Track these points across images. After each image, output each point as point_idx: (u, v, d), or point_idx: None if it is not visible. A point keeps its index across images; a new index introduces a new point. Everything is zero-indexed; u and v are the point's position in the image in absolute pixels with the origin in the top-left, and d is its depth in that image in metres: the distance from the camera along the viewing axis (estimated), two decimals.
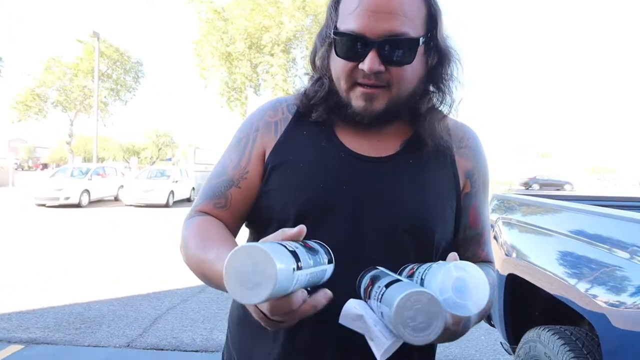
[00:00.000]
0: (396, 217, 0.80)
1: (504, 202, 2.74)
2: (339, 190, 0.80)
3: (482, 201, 0.92)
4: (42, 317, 4.00)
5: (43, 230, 9.13)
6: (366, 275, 0.70)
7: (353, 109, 0.81)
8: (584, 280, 1.73)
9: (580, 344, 1.76)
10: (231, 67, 18.38)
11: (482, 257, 0.93)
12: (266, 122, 0.89)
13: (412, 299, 0.53)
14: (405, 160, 0.85)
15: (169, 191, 14.65)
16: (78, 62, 24.57)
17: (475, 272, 0.57)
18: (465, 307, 0.56)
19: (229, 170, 0.87)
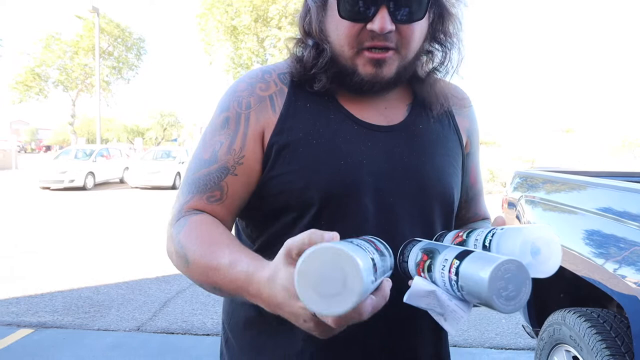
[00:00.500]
0: (421, 187, 0.80)
1: (527, 180, 2.70)
2: (361, 165, 0.77)
3: (478, 160, 0.97)
4: (50, 301, 4.10)
5: (49, 213, 9.30)
6: (412, 248, 0.71)
7: (360, 77, 0.75)
8: (612, 260, 1.71)
9: (608, 326, 1.75)
10: (237, 41, 18.23)
11: (482, 215, 0.97)
12: (259, 96, 0.80)
13: (502, 269, 0.54)
14: (416, 126, 0.85)
15: (176, 173, 14.77)
16: (78, 40, 24.58)
17: (547, 234, 0.60)
18: (543, 269, 0.60)
19: (220, 157, 0.78)
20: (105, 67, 26.20)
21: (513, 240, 0.60)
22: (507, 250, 0.60)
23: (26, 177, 16.19)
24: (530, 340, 3.30)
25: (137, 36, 27.64)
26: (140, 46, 27.93)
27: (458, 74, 0.86)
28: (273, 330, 0.78)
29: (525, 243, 0.59)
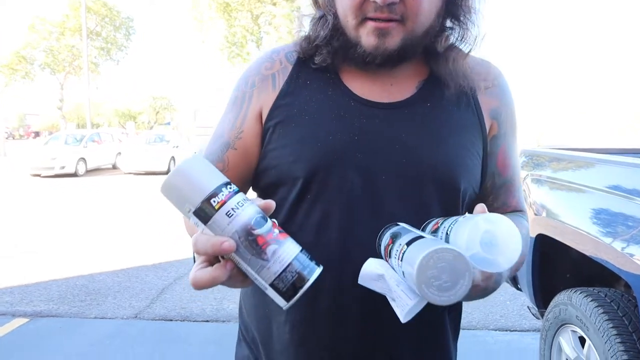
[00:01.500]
0: (416, 167, 0.78)
1: (533, 158, 2.70)
2: (351, 141, 0.77)
3: (511, 144, 0.89)
4: (45, 290, 4.14)
5: (40, 201, 9.32)
6: (386, 232, 0.69)
7: (363, 48, 0.76)
8: (620, 238, 1.72)
9: (616, 305, 1.77)
10: (230, 19, 18.00)
11: (513, 206, 0.91)
12: (263, 75, 0.85)
13: (435, 257, 0.52)
14: (423, 103, 0.82)
15: (170, 157, 14.75)
16: (64, 20, 24.28)
17: (505, 225, 0.55)
18: (496, 263, 0.55)
19: (225, 132, 0.85)
20: (93, 48, 25.95)
21: (463, 229, 0.56)
22: (459, 239, 0.56)
23: (15, 165, 16.16)
24: (535, 322, 3.34)
25: (125, 15, 27.32)
26: (129, 26, 27.64)
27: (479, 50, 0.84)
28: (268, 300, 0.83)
29: (474, 233, 0.55)
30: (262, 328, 0.87)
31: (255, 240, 0.53)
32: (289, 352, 0.82)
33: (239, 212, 0.53)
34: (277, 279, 0.54)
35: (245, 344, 0.95)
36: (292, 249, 0.55)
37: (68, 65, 25.89)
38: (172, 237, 6.10)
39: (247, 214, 0.54)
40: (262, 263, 0.54)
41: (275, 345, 0.85)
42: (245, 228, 0.53)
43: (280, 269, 0.54)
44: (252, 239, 0.53)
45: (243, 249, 0.53)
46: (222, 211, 0.53)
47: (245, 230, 0.53)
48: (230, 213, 0.53)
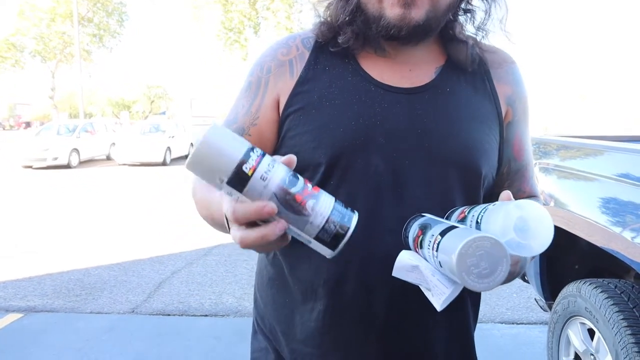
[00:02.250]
0: (440, 151, 0.80)
1: (541, 146, 2.69)
2: (373, 126, 0.79)
3: (525, 130, 0.92)
4: (39, 284, 4.15)
5: (33, 193, 9.33)
6: (413, 223, 0.71)
7: (387, 20, 0.76)
8: (630, 228, 1.72)
9: (626, 297, 1.77)
10: (227, 4, 17.88)
11: (528, 192, 0.94)
12: (279, 61, 0.86)
13: (474, 245, 0.54)
14: (443, 89, 0.84)
15: (166, 147, 14.74)
16: (54, 5, 24.11)
17: (537, 210, 0.58)
18: (529, 247, 0.58)
19: (239, 118, 0.87)
20: (85, 35, 25.82)
21: (496, 216, 0.59)
22: (492, 227, 0.59)
23: (6, 156, 16.16)
24: (542, 315, 3.36)
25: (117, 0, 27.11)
26: (122, 11, 27.46)
27: (504, 31, 0.86)
28: (289, 289, 0.87)
29: (508, 219, 0.58)
30: (283, 317, 0.89)
31: (293, 198, 0.56)
32: (314, 339, 0.84)
33: (271, 175, 0.55)
34: (321, 231, 0.57)
35: (262, 335, 0.97)
36: (328, 201, 0.58)
37: (59, 52, 25.76)
38: (169, 229, 6.12)
39: (280, 175, 0.55)
40: (304, 219, 0.56)
41: (298, 334, 0.86)
42: (282, 188, 0.55)
43: (322, 222, 0.57)
44: (290, 197, 0.55)
45: (283, 209, 0.56)
46: (256, 176, 0.54)
47: (282, 190, 0.55)
48: (264, 177, 0.54)
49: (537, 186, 0.97)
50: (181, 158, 16.32)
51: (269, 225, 0.56)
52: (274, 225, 0.56)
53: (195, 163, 0.55)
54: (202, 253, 5.08)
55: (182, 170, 13.14)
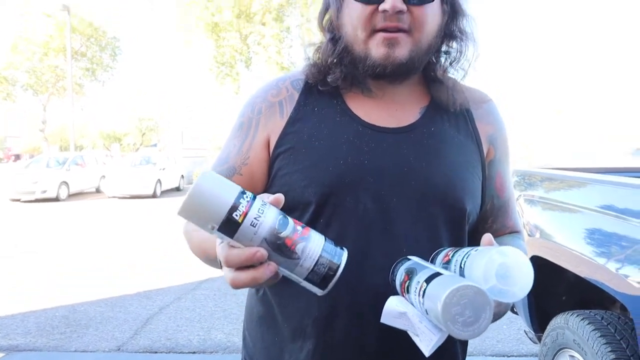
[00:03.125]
0: (425, 189, 0.82)
1: (525, 178, 2.74)
2: (361, 165, 0.82)
3: (506, 167, 0.96)
4: (22, 322, 4.05)
5: (19, 227, 9.20)
6: (400, 267, 0.72)
7: (373, 60, 0.80)
8: (614, 259, 1.73)
9: (613, 328, 1.78)
10: (219, 39, 18.19)
11: (511, 227, 0.97)
12: (269, 102, 0.89)
13: (458, 294, 0.55)
14: (427, 129, 0.87)
15: (156, 180, 14.69)
16: (48, 40, 24.35)
17: (518, 257, 0.60)
18: (511, 293, 0.60)
19: (231, 157, 0.89)
20: (78, 69, 25.98)
21: (478, 263, 0.60)
22: (475, 273, 0.60)
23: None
24: (532, 347, 3.33)
25: (111, 35, 27.47)
26: (115, 46, 27.73)
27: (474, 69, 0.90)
28: (278, 327, 0.87)
29: (490, 266, 0.59)
30: (272, 356, 0.89)
31: (283, 243, 0.57)
32: None
33: (262, 220, 0.56)
34: (310, 273, 0.58)
35: None
36: (318, 242, 0.59)
37: (52, 86, 25.85)
38: (158, 263, 6.04)
39: (270, 219, 0.57)
40: (294, 262, 0.58)
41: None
42: (272, 233, 0.56)
43: (312, 264, 0.58)
44: (280, 242, 0.57)
45: (273, 253, 0.57)
46: (247, 222, 0.55)
47: (272, 234, 0.56)
48: (254, 222, 0.56)
49: (519, 221, 0.99)
50: (172, 190, 16.26)
51: (260, 268, 0.57)
52: (265, 268, 0.57)
53: (186, 211, 0.56)
54: (191, 287, 5.01)
55: (172, 202, 13.06)
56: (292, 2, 18.26)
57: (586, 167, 3.03)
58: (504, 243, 0.88)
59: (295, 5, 18.43)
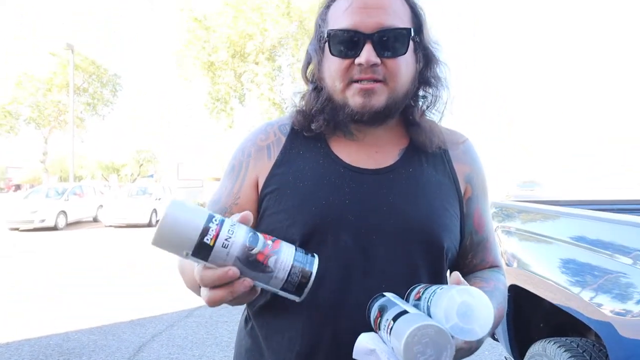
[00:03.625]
0: (403, 227, 0.82)
1: (503, 210, 2.76)
2: (343, 206, 0.82)
3: (484, 205, 0.96)
4: (16, 350, 3.92)
5: (16, 256, 8.98)
6: (374, 304, 0.72)
7: (351, 108, 0.83)
8: (587, 288, 1.74)
9: (588, 355, 1.77)
10: (214, 77, 18.41)
11: (490, 262, 0.96)
12: (258, 146, 0.91)
13: (419, 334, 0.55)
14: (406, 169, 0.88)
15: (152, 210, 14.54)
16: (52, 77, 24.44)
17: (478, 295, 0.59)
18: (472, 331, 0.59)
19: (222, 198, 0.91)
20: (80, 104, 26.03)
21: (441, 302, 0.60)
22: (437, 311, 0.60)
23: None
24: None
25: (112, 73, 27.67)
26: (115, 82, 27.94)
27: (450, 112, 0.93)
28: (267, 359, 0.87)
29: (451, 304, 0.59)
30: None
31: (255, 259, 0.58)
32: None
33: (232, 240, 0.56)
34: (285, 283, 0.59)
35: None
36: (289, 252, 0.60)
37: (54, 119, 25.81)
38: (152, 290, 5.92)
39: (240, 238, 0.57)
40: (268, 275, 0.58)
41: None
42: (243, 250, 0.57)
43: (285, 275, 0.59)
44: (252, 259, 0.58)
45: (247, 269, 0.57)
46: (218, 244, 0.56)
47: (244, 252, 0.57)
48: (225, 244, 0.56)
49: (499, 257, 0.99)
50: None
51: (235, 284, 0.58)
52: (239, 284, 0.58)
53: (160, 240, 0.56)
54: (183, 315, 4.90)
55: None
56: (284, 44, 18.65)
57: (558, 200, 3.08)
58: (484, 278, 0.88)
59: (287, 47, 18.82)
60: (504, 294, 0.89)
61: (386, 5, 0.80)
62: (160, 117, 36.27)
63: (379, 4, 0.80)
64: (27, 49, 23.79)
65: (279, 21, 17.12)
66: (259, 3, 17.03)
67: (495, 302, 0.82)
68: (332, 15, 0.85)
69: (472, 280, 0.90)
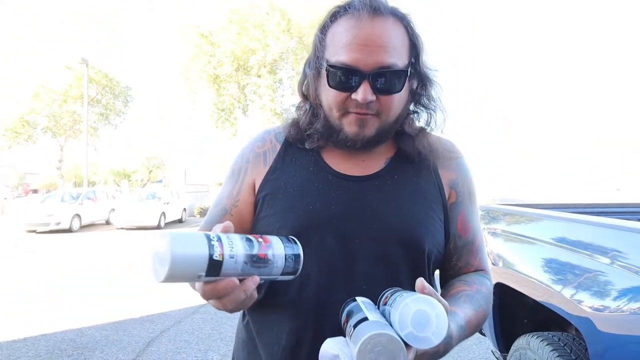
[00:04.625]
0: (385, 231, 0.82)
1: (489, 213, 2.77)
2: (328, 210, 0.82)
3: (470, 210, 0.93)
4: (33, 345, 3.89)
5: (33, 256, 8.94)
6: (345, 308, 0.71)
7: (346, 135, 0.83)
8: (568, 286, 1.74)
9: (569, 349, 1.77)
10: (219, 89, 18.43)
11: (476, 266, 0.93)
12: (256, 153, 0.93)
13: (372, 342, 0.54)
14: (391, 176, 0.88)
15: (161, 213, 14.50)
16: (67, 89, 24.42)
17: (433, 303, 0.58)
18: (427, 339, 0.57)
19: (223, 200, 0.92)
20: (93, 114, 26.00)
21: (396, 309, 0.59)
22: (395, 319, 0.58)
23: (12, 222, 15.62)
24: None
25: (124, 85, 27.67)
26: (127, 94, 27.90)
27: (442, 133, 0.92)
28: (257, 352, 0.88)
29: (406, 313, 0.57)
30: None
31: (257, 257, 0.61)
32: None
33: (235, 250, 0.58)
34: (284, 269, 0.63)
35: None
36: (279, 244, 0.64)
37: (69, 129, 25.75)
38: (160, 288, 5.89)
39: (240, 245, 0.59)
40: (269, 267, 0.62)
41: None
42: (246, 255, 0.59)
43: (282, 262, 0.63)
44: (255, 258, 0.60)
45: (253, 269, 0.60)
46: (226, 258, 0.57)
47: (247, 256, 0.59)
48: (231, 254, 0.58)
49: (486, 261, 0.96)
50: (175, 222, 16.04)
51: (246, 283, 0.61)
52: (250, 281, 0.61)
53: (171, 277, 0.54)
54: (190, 311, 4.88)
55: None
56: (284, 58, 18.69)
57: (542, 203, 3.09)
58: (467, 281, 0.87)
59: (287, 61, 18.86)
60: (487, 298, 0.86)
61: (386, 42, 0.77)
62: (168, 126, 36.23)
63: (380, 42, 0.76)
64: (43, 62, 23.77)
65: (280, 37, 17.18)
66: (261, 20, 17.09)
67: (475, 305, 0.81)
68: (331, 42, 0.81)
69: (456, 283, 0.88)
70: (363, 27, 0.77)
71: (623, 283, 1.46)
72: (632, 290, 1.39)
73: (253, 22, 17.17)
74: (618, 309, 1.41)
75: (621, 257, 1.52)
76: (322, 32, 0.84)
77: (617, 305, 1.42)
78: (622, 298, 1.42)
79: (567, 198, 14.47)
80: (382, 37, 0.77)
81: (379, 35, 0.76)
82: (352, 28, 0.77)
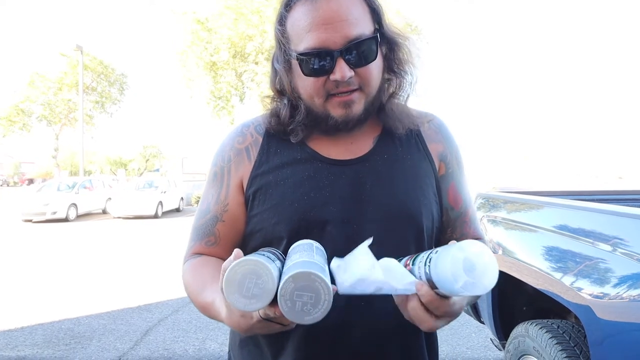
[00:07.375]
0: (382, 212, 0.81)
1: (489, 200, 2.76)
2: (324, 198, 0.81)
3: (460, 181, 0.93)
4: (30, 334, 3.91)
5: (30, 246, 8.95)
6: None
7: (335, 119, 0.81)
8: (568, 273, 1.74)
9: (567, 336, 1.78)
10: (216, 76, 18.29)
11: (471, 235, 0.93)
12: (237, 150, 0.88)
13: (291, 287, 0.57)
14: (381, 156, 0.86)
15: (158, 202, 14.49)
16: (62, 76, 24.24)
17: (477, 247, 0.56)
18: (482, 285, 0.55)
19: (211, 207, 0.88)
20: (89, 102, 25.85)
21: (444, 264, 0.56)
22: (442, 272, 0.56)
23: (8, 211, 15.61)
24: (499, 353, 3.31)
25: (119, 72, 27.47)
26: (123, 81, 27.74)
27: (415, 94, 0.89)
28: (260, 349, 0.86)
29: (456, 263, 0.55)
30: None
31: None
32: None
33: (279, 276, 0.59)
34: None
35: None
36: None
37: (64, 117, 25.61)
38: (158, 277, 5.91)
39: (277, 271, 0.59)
40: None
41: None
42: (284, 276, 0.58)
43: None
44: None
45: None
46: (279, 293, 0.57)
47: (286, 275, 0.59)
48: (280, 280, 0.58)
49: (480, 229, 0.96)
50: (172, 211, 16.04)
51: None
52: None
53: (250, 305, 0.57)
54: (187, 300, 4.88)
55: (172, 222, 12.88)
56: None
57: (542, 190, 3.08)
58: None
59: None
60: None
61: (348, 15, 0.75)
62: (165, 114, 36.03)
63: (341, 16, 0.74)
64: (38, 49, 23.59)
65: None
66: (258, 6, 16.90)
67: None
68: (293, 31, 0.79)
69: None
70: (320, 7, 0.75)
71: (624, 270, 1.45)
72: (633, 277, 1.39)
73: (250, 8, 16.98)
74: (618, 297, 1.41)
75: (623, 245, 1.51)
76: (280, 24, 0.81)
77: (617, 292, 1.42)
78: (622, 285, 1.41)
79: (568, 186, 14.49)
80: (341, 11, 0.74)
81: (337, 10, 0.74)
82: (309, 11, 0.75)
